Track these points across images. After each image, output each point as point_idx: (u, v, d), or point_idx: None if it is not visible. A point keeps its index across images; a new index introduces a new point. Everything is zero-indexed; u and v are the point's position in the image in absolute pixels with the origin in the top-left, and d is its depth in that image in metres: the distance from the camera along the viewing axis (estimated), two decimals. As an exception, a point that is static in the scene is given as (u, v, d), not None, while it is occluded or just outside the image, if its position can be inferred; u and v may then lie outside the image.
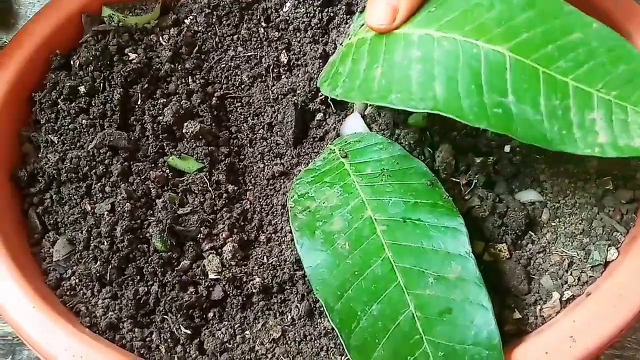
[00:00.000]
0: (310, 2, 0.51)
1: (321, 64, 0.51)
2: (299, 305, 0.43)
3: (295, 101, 0.51)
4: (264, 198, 0.48)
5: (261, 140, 0.51)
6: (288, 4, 0.53)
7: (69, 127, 0.47)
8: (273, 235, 0.47)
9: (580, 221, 0.45)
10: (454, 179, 0.46)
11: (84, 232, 0.44)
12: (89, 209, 0.45)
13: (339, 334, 0.37)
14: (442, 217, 0.41)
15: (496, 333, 0.36)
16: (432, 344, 0.36)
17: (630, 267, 0.40)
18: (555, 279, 0.43)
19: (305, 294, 0.43)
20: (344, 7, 0.51)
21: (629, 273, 0.40)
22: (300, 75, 0.52)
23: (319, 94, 0.50)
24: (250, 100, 0.52)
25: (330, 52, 0.51)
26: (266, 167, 0.50)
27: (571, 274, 0.43)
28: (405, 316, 0.37)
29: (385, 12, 0.40)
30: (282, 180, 0.49)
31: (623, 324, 0.38)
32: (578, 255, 0.43)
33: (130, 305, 0.42)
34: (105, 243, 0.43)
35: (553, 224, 0.45)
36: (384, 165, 0.44)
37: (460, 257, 0.39)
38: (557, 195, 0.46)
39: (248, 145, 0.51)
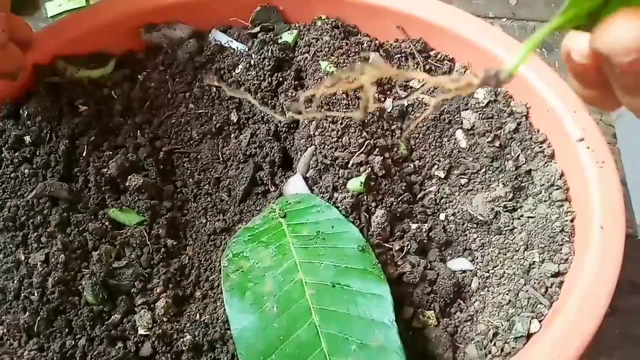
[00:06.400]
0: (261, 66, 0.53)
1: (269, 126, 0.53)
2: (228, 364, 0.43)
3: (255, 160, 0.52)
4: (204, 254, 0.49)
5: (205, 196, 0.52)
6: (240, 66, 0.55)
7: (11, 175, 0.48)
8: (209, 291, 0.47)
9: (507, 292, 0.46)
10: (387, 245, 0.47)
11: (15, 281, 0.44)
12: (23, 258, 0.45)
13: (257, 400, 0.37)
14: (370, 283, 0.41)
15: (412, 403, 0.37)
16: (350, 412, 0.37)
17: (550, 341, 0.41)
18: (480, 349, 0.44)
19: (235, 353, 0.43)
20: (292, 73, 0.53)
21: (548, 347, 0.41)
22: (259, 134, 0.53)
23: (270, 152, 0.52)
24: (198, 156, 0.54)
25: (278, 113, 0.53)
26: (208, 223, 0.51)
27: (495, 344, 0.44)
28: (326, 383, 0.37)
29: None
30: (223, 236, 0.50)
31: (538, 398, 0.39)
32: (503, 325, 0.44)
33: (56, 358, 0.42)
34: (36, 294, 0.43)
35: (482, 293, 0.47)
36: (320, 228, 0.45)
37: (384, 326, 0.39)
38: (487, 264, 0.48)
39: (192, 200, 0.52)
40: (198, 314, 0.45)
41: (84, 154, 0.49)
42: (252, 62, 0.54)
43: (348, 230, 0.45)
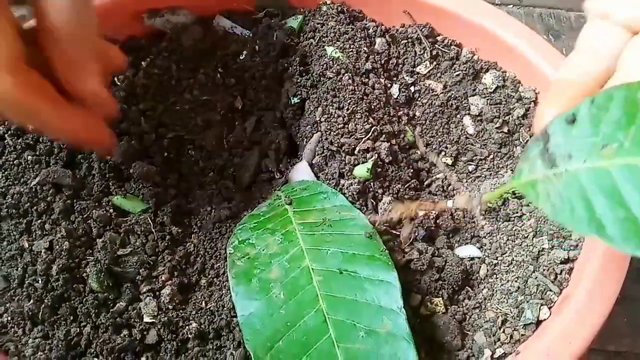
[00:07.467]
0: (266, 52, 0.52)
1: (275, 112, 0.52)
2: (234, 352, 0.43)
3: (260, 147, 0.51)
4: (209, 241, 0.48)
5: (210, 183, 0.51)
6: (245, 52, 0.54)
7: (14, 162, 0.47)
8: (214, 279, 0.46)
9: (516, 279, 0.45)
10: (394, 231, 0.47)
11: (19, 269, 0.44)
12: (27, 245, 0.44)
13: (265, 386, 0.37)
14: (377, 270, 0.41)
15: (420, 389, 0.37)
16: (358, 398, 0.36)
17: (560, 328, 0.41)
18: (489, 336, 0.43)
19: (242, 340, 0.42)
20: (298, 59, 0.53)
21: (558, 334, 0.40)
22: (265, 121, 0.52)
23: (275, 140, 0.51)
24: (203, 143, 0.53)
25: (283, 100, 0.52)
26: (213, 210, 0.50)
27: (504, 332, 0.43)
28: (333, 370, 0.37)
29: None
30: (228, 224, 0.49)
31: (548, 385, 0.38)
32: (512, 313, 0.44)
33: (60, 345, 0.41)
34: (40, 281, 0.43)
35: (490, 280, 0.46)
36: (327, 214, 0.45)
37: (392, 312, 0.39)
38: (495, 251, 0.47)
39: (197, 187, 0.51)
40: (204, 302, 0.45)
41: (87, 141, 0.49)
42: (256, 48, 0.53)
43: (355, 216, 0.44)
